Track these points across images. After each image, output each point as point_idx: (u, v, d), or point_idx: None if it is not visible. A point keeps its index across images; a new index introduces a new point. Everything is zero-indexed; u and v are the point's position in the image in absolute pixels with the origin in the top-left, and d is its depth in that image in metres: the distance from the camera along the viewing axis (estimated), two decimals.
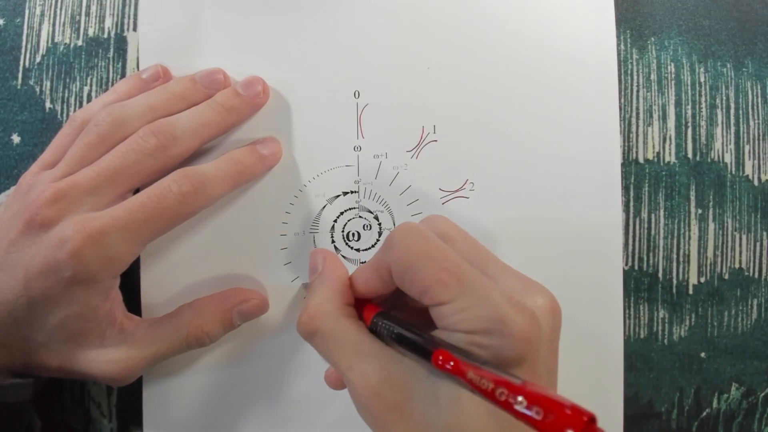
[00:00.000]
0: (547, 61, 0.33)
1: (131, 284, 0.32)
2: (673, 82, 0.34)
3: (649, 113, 0.34)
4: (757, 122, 0.34)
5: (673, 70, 0.34)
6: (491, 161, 0.32)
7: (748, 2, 0.34)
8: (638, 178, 0.33)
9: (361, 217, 0.33)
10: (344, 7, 0.33)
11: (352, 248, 0.33)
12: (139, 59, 0.33)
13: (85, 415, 0.34)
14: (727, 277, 0.33)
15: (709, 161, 0.34)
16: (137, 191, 0.29)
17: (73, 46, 0.34)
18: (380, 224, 0.33)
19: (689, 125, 0.34)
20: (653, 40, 0.34)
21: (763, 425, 0.33)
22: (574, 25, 0.33)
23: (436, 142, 0.33)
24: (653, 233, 0.33)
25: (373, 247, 0.33)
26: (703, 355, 0.33)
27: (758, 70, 0.34)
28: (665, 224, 0.33)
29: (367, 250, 0.33)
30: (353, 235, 0.33)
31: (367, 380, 0.24)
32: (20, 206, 0.29)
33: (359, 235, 0.33)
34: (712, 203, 0.34)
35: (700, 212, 0.34)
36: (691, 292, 0.33)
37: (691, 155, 0.34)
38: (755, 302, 0.33)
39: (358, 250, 0.33)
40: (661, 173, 0.34)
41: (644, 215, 0.33)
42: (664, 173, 0.34)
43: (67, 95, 0.34)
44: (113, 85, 0.33)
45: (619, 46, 0.33)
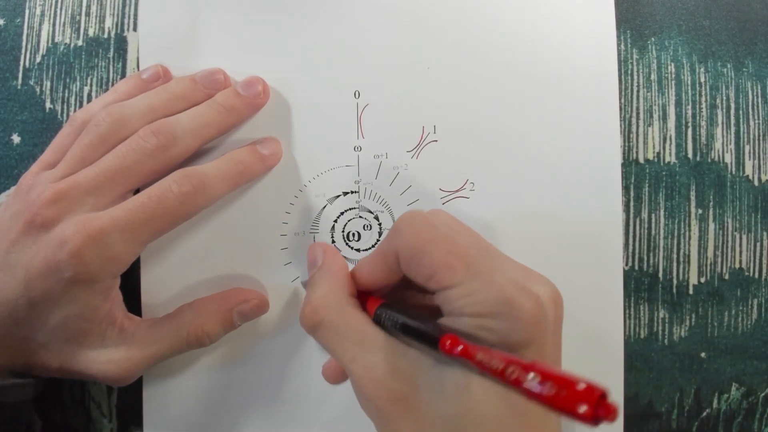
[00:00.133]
0: (547, 61, 0.33)
1: (131, 284, 0.32)
2: (673, 82, 0.34)
3: (649, 113, 0.34)
4: (757, 122, 0.34)
5: (673, 70, 0.34)
6: (491, 161, 0.32)
7: (748, 2, 0.34)
8: (638, 178, 0.33)
9: (361, 217, 0.33)
10: (344, 7, 0.33)
11: (352, 248, 0.33)
12: (139, 59, 0.33)
13: (85, 415, 0.34)
14: (727, 277, 0.33)
15: (709, 161, 0.34)
16: (137, 191, 0.29)
17: (73, 46, 0.34)
18: (380, 224, 0.33)
19: (689, 125, 0.34)
20: (653, 40, 0.34)
21: (763, 425, 0.33)
22: (574, 25, 0.33)
23: (436, 142, 0.33)
24: (653, 233, 0.33)
25: (373, 247, 0.33)
26: (703, 355, 0.33)
27: (758, 70, 0.34)
28: (665, 224, 0.33)
29: (367, 250, 0.33)
30: (353, 235, 0.33)
31: (371, 372, 0.24)
32: (20, 206, 0.29)
33: (359, 235, 0.33)
34: (712, 203, 0.34)
35: (700, 212, 0.34)
36: (691, 292, 0.33)
37: (691, 155, 0.34)
38: (755, 302, 0.33)
39: (358, 250, 0.33)
40: (661, 173, 0.34)
41: (644, 215, 0.33)
42: (664, 173, 0.34)
43: (67, 95, 0.34)
44: (113, 85, 0.33)
45: (619, 46, 0.33)
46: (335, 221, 0.33)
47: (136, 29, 0.34)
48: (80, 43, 0.34)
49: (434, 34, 0.33)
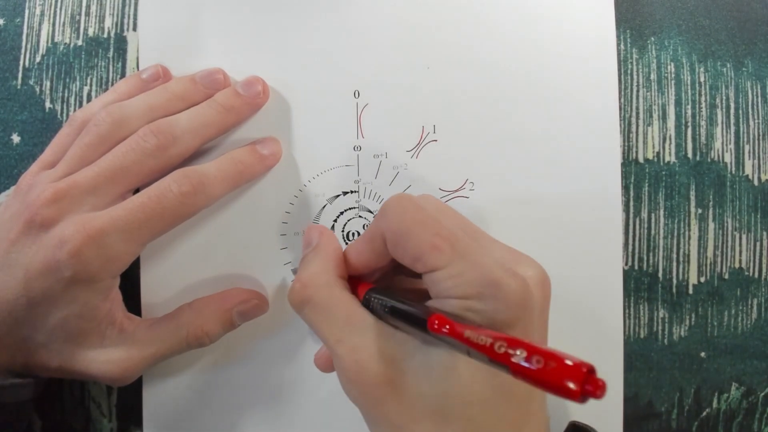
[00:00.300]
0: (547, 60, 0.33)
1: (131, 284, 0.32)
2: (673, 81, 0.34)
3: (649, 113, 0.34)
4: (757, 122, 0.34)
5: (673, 69, 0.34)
6: (491, 161, 0.32)
7: (748, 2, 0.34)
8: (638, 177, 0.33)
9: (361, 216, 0.33)
10: (344, 7, 0.33)
11: None
12: (139, 59, 0.33)
13: (85, 415, 0.34)
14: (727, 276, 0.33)
15: (709, 161, 0.34)
16: (137, 191, 0.29)
17: (73, 46, 0.34)
18: None
19: (689, 125, 0.34)
20: (653, 39, 0.34)
21: (763, 425, 0.33)
22: (574, 25, 0.33)
23: (436, 141, 0.33)
24: (653, 233, 0.33)
25: None
26: (703, 354, 0.33)
27: (758, 70, 0.34)
28: (665, 224, 0.33)
29: None
30: (353, 234, 0.33)
31: (356, 354, 0.24)
32: (20, 206, 0.29)
33: (359, 234, 0.33)
34: (712, 203, 0.34)
35: (700, 212, 0.34)
36: (691, 291, 0.33)
37: (691, 155, 0.34)
38: (755, 302, 0.33)
39: None
40: (661, 173, 0.34)
41: (644, 215, 0.33)
42: (664, 173, 0.34)
43: (67, 95, 0.34)
44: (113, 85, 0.33)
45: (619, 46, 0.33)
46: (335, 221, 0.33)
47: (135, 29, 0.34)
48: (80, 42, 0.34)
49: (434, 34, 0.33)
